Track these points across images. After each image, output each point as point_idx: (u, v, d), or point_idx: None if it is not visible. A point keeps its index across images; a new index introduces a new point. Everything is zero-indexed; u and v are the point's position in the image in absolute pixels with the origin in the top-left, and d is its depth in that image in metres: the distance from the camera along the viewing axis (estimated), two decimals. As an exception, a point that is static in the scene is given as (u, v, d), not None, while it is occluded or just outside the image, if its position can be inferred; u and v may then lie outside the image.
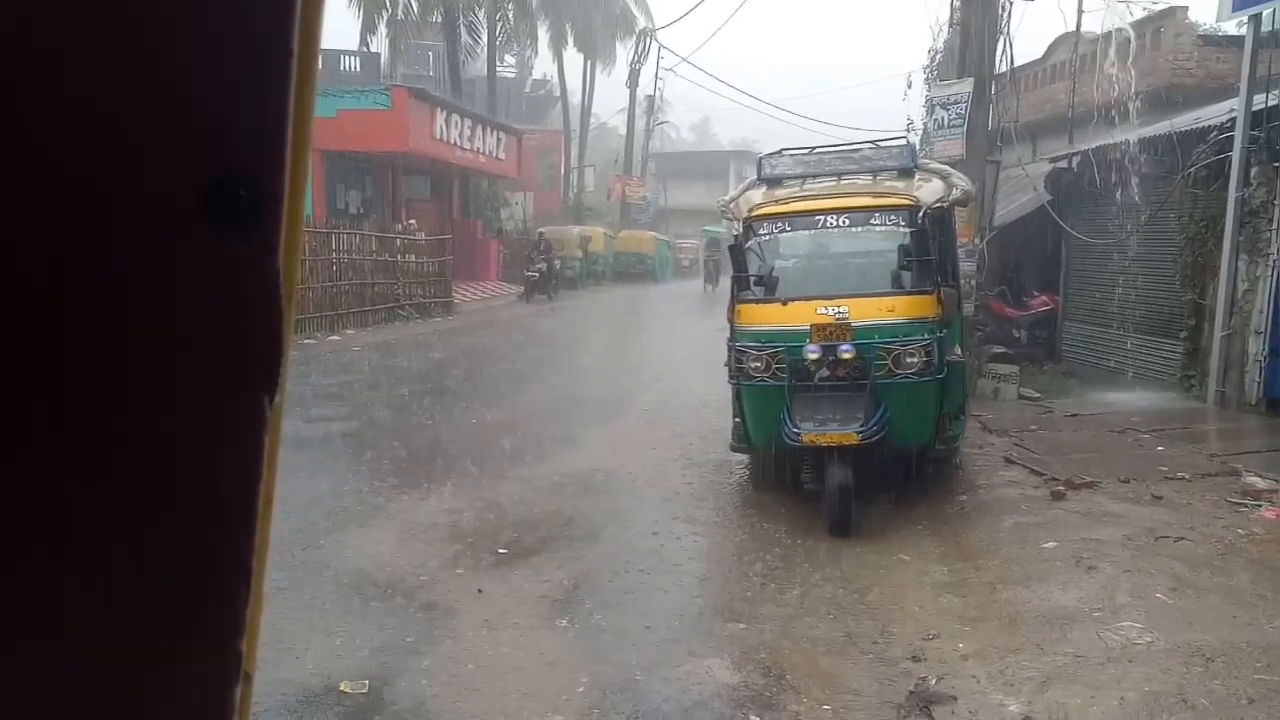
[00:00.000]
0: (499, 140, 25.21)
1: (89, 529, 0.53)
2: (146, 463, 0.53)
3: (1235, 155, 8.95)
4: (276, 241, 0.52)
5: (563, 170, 37.92)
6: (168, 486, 0.53)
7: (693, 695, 3.90)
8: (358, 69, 27.81)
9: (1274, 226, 8.78)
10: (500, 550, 5.64)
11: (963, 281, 8.46)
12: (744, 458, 7.39)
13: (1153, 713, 3.55)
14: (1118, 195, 10.81)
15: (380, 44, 29.39)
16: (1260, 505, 5.95)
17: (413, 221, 21.20)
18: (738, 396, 6.65)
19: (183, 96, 0.49)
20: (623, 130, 41.34)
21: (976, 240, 13.09)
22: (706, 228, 34.79)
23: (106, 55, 0.49)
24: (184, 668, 0.55)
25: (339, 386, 11.09)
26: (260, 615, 0.58)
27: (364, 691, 3.87)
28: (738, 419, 6.80)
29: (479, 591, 5.00)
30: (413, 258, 19.30)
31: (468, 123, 22.93)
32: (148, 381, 0.52)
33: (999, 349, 11.86)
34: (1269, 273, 8.82)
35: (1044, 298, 13.27)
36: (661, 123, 44.04)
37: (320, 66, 0.57)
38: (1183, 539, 5.37)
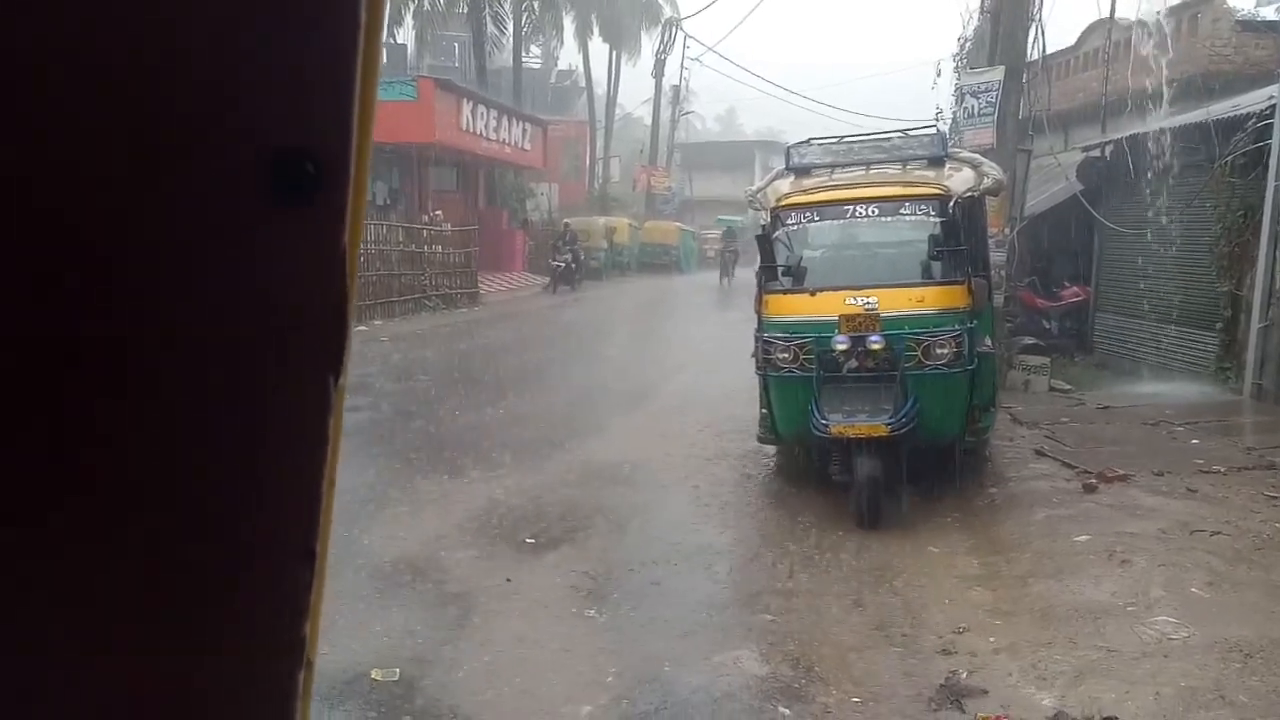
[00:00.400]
0: (525, 131, 25.24)
1: (156, 512, 0.53)
2: (214, 444, 0.52)
3: (1275, 143, 8.76)
4: (342, 217, 0.51)
5: (588, 161, 37.91)
6: (235, 469, 0.53)
7: (721, 686, 3.89)
8: (384, 60, 27.89)
9: (1314, 216, 8.61)
10: (528, 540, 5.66)
11: (993, 272, 8.36)
12: (771, 449, 7.37)
13: (1189, 708, 3.50)
14: (1152, 185, 10.64)
15: (406, 35, 29.53)
16: (1299, 499, 5.84)
17: (439, 212, 21.30)
18: (765, 388, 6.61)
19: (249, 70, 0.48)
20: (648, 121, 41.24)
21: (1007, 230, 12.95)
22: (722, 217, 34.34)
23: (171, 31, 0.48)
24: (250, 654, 0.55)
25: (366, 377, 11.16)
26: (322, 601, 0.57)
27: (395, 679, 3.90)
28: (765, 410, 6.77)
29: (507, 581, 5.02)
30: (439, 249, 19.40)
31: (494, 113, 22.97)
32: (214, 361, 0.52)
33: (1029, 340, 11.73)
34: (1308, 263, 8.64)
35: (1075, 288, 13.09)
36: (687, 113, 43.85)
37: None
38: (1219, 533, 5.29)
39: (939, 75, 15.24)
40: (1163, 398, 9.59)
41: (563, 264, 23.21)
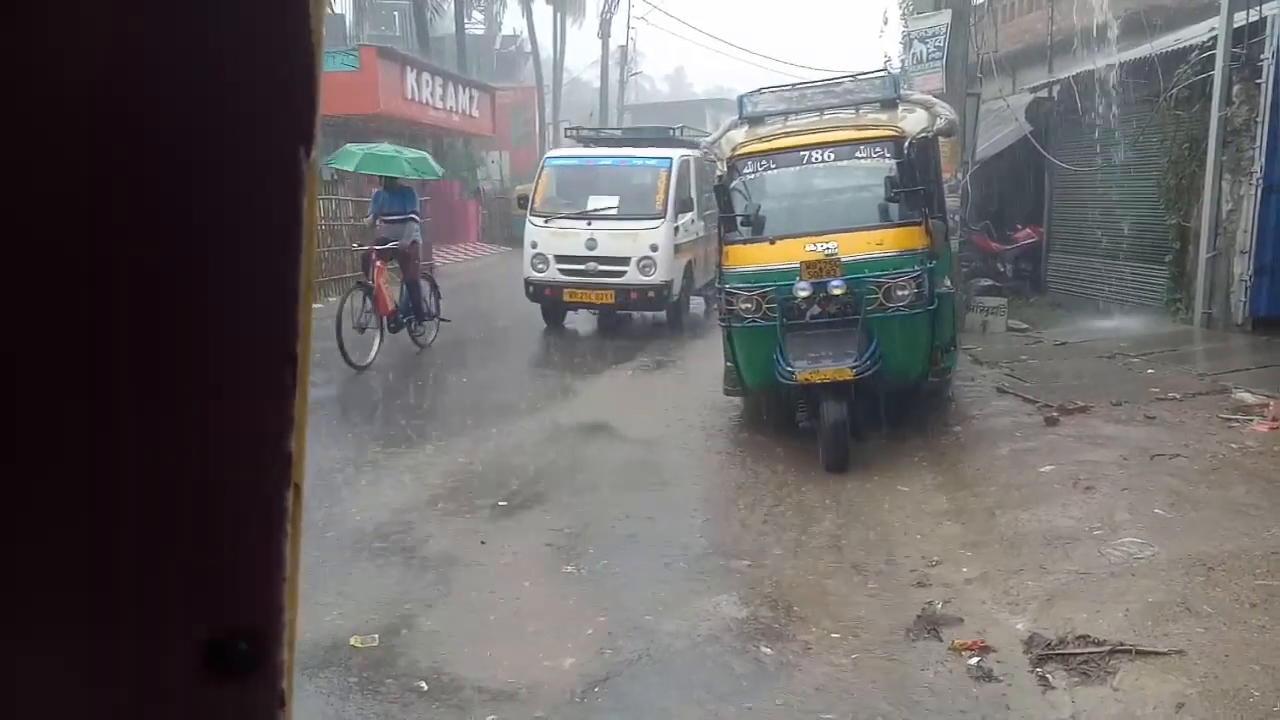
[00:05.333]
0: (472, 98, 24.81)
1: None
2: None
3: (1217, 74, 8.89)
4: (275, 685, 0.55)
5: (538, 127, 37.38)
6: None
7: (703, 631, 3.91)
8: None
9: (1257, 145, 8.75)
10: (501, 503, 5.63)
11: (948, 217, 8.41)
12: (738, 401, 7.39)
13: (1157, 621, 3.59)
14: (1099, 122, 10.75)
15: (344, 4, 28.75)
16: (1251, 420, 6.00)
17: (389, 185, 20.84)
18: (729, 339, 6.62)
19: (184, 561, 0.53)
20: (596, 84, 40.71)
21: (959, 175, 13.03)
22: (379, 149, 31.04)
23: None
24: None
25: (324, 354, 10.98)
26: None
27: (375, 645, 3.87)
28: (730, 363, 6.79)
29: (482, 543, 4.99)
30: (391, 222, 19.00)
31: (439, 81, 22.50)
32: None
33: (986, 283, 11.87)
34: (1252, 191, 8.80)
35: (1028, 230, 13.23)
36: (635, 73, 43.45)
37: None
38: (1178, 456, 5.42)
39: (885, 24, 15.20)
40: (1117, 331, 9.77)
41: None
